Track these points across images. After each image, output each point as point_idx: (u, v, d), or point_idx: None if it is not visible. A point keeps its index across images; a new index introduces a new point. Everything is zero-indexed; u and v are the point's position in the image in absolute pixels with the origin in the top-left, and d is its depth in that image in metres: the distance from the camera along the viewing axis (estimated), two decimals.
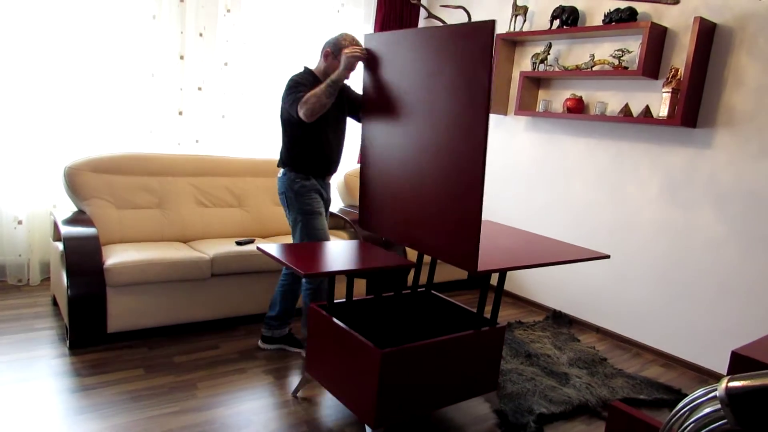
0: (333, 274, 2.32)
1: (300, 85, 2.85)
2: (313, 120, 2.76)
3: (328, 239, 3.01)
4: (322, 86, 2.73)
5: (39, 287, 3.74)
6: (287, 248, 2.55)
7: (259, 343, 3.20)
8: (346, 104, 3.12)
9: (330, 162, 3.06)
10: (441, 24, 5.02)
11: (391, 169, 2.63)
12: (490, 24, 1.98)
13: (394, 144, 2.59)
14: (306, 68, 3.03)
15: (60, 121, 3.73)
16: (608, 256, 2.65)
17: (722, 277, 3.33)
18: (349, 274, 2.48)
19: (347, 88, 3.15)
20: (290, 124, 2.94)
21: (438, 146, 2.30)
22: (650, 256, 3.67)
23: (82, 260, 2.89)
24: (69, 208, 3.53)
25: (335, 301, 2.65)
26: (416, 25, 5.19)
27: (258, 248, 2.55)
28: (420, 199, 2.43)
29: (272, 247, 2.53)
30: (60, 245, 3.14)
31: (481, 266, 2.23)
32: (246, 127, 4.48)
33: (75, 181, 3.33)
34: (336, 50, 2.90)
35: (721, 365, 3.35)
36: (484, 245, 2.64)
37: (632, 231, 3.77)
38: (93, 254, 2.93)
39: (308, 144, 2.95)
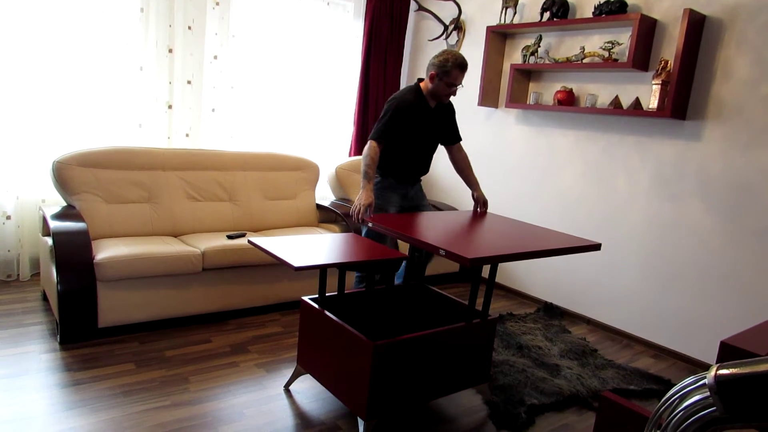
0: (325, 267, 2.32)
1: (390, 119, 3.04)
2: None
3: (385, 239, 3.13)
4: (365, 169, 2.99)
5: (29, 282, 3.71)
6: (279, 241, 2.55)
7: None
8: (444, 131, 3.29)
9: (407, 170, 3.24)
10: (431, 16, 5.02)
11: None
12: None
13: None
14: (417, 82, 3.16)
15: (48, 115, 3.69)
16: (599, 245, 2.66)
17: (712, 269, 3.36)
18: (341, 267, 2.48)
19: (453, 120, 3.32)
20: None
21: None
22: (640, 248, 3.70)
23: (72, 255, 2.87)
24: (58, 203, 3.50)
25: (327, 294, 2.65)
26: (407, 17, 5.17)
27: (249, 242, 2.54)
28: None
29: (264, 241, 2.52)
30: (49, 240, 3.12)
31: (473, 256, 2.23)
32: (236, 121, 4.46)
33: (64, 175, 3.30)
34: (441, 73, 3.00)
35: (711, 356, 3.38)
36: (476, 236, 2.64)
37: (622, 223, 3.79)
38: (83, 249, 2.91)
39: (390, 151, 3.14)
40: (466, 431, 2.48)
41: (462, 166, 3.35)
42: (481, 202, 3.31)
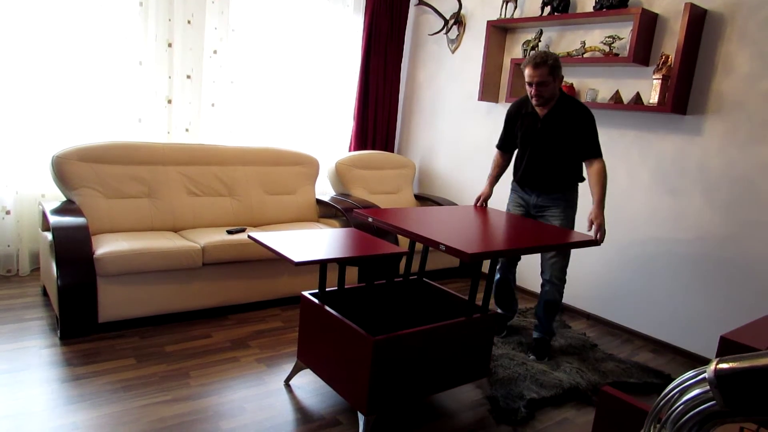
0: (325, 262, 2.32)
1: (503, 126, 3.36)
2: None
3: None
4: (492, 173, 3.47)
5: (29, 278, 3.71)
6: (278, 236, 2.55)
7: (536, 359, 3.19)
8: (565, 142, 3.06)
9: (522, 176, 3.27)
10: (432, 11, 5.00)
11: None
12: None
13: None
14: None
15: (48, 110, 3.68)
16: (598, 240, 2.66)
17: (711, 263, 3.36)
18: (341, 262, 2.48)
19: (583, 132, 3.03)
20: None
21: None
22: (640, 242, 3.69)
23: (72, 250, 2.87)
24: (57, 198, 3.50)
25: (327, 289, 2.65)
26: (407, 12, 5.15)
27: (249, 237, 2.54)
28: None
29: (264, 236, 2.52)
30: (49, 235, 3.12)
31: (473, 251, 2.23)
32: (236, 116, 4.45)
33: (63, 170, 3.30)
34: (524, 76, 3.06)
35: (710, 350, 3.38)
36: (476, 231, 2.64)
37: (622, 218, 3.79)
38: (82, 244, 2.91)
39: (515, 157, 3.38)
40: (466, 426, 2.49)
41: (590, 182, 3.03)
42: (589, 222, 2.92)
